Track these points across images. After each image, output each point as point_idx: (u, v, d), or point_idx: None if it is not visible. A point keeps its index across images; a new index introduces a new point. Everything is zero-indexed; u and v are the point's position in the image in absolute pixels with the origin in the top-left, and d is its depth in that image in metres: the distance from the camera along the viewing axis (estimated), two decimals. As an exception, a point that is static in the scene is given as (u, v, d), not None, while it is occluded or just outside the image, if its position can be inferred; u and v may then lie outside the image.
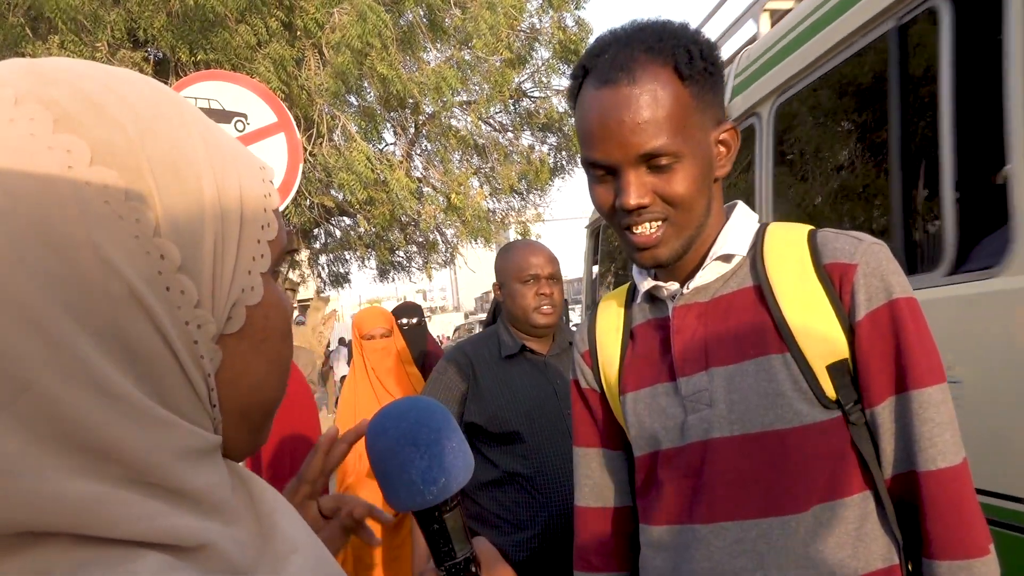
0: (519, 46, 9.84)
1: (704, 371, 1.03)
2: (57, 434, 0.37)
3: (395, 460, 0.69)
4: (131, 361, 0.40)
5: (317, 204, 9.39)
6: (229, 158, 0.47)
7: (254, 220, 0.47)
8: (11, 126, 0.38)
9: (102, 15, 7.00)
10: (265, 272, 0.48)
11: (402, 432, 0.70)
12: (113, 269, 0.39)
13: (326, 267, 12.87)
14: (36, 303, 0.36)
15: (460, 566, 0.71)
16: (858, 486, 0.98)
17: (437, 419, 0.71)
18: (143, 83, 0.45)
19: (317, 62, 7.90)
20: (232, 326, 0.45)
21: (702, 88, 0.98)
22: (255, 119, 3.36)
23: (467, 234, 9.98)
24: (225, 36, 7.11)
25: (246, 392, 0.48)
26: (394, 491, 0.69)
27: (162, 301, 0.41)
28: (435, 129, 9.96)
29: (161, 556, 0.38)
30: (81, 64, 0.44)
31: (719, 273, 1.06)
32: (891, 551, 0.99)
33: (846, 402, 0.98)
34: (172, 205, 0.41)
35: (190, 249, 0.42)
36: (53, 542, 0.37)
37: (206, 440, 0.44)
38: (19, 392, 0.36)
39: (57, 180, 0.38)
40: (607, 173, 1.01)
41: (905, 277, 1.00)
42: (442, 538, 0.70)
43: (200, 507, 0.42)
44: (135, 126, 0.41)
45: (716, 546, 1.00)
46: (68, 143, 0.39)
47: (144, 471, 0.39)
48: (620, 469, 1.21)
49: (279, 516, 0.50)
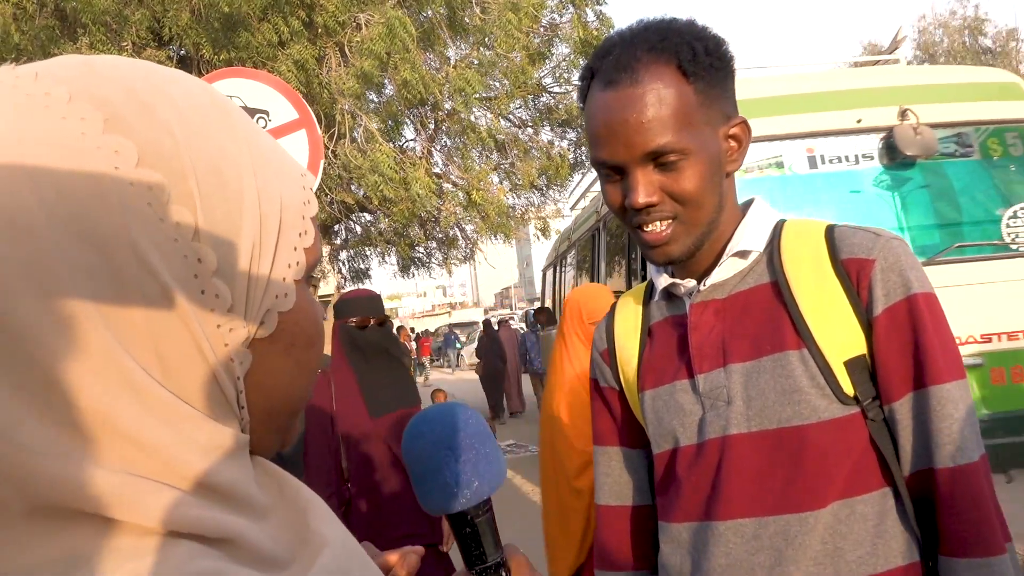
0: (539, 42, 9.82)
1: (722, 368, 1.03)
2: (86, 424, 0.38)
3: (431, 463, 0.70)
4: (161, 360, 0.40)
5: (337, 200, 9.44)
6: (272, 164, 0.47)
7: (292, 227, 0.47)
8: (63, 124, 0.39)
9: (127, 14, 7.09)
10: (300, 279, 0.48)
11: (438, 436, 0.71)
12: (150, 269, 0.39)
13: (346, 263, 12.95)
14: (72, 297, 0.37)
15: (490, 570, 0.71)
16: (877, 483, 0.98)
17: (472, 425, 0.72)
18: (192, 85, 0.46)
19: (338, 61, 7.93)
20: (264, 331, 0.46)
21: (707, 84, 0.98)
22: (277, 116, 3.39)
23: (487, 230, 10.00)
24: (247, 35, 7.17)
25: (274, 395, 0.48)
26: (428, 494, 0.70)
27: (196, 304, 0.41)
28: (455, 125, 9.97)
29: (192, 544, 0.39)
30: (134, 64, 0.45)
31: (736, 270, 1.06)
32: (911, 548, 0.98)
33: (864, 398, 0.98)
34: (213, 209, 0.42)
35: (227, 254, 0.43)
36: (84, 524, 0.38)
37: (233, 438, 0.44)
38: (51, 384, 0.37)
39: (103, 179, 0.39)
40: (616, 173, 1.01)
41: (924, 272, 0.99)
42: (474, 542, 0.71)
43: (227, 502, 0.42)
44: (182, 129, 0.42)
45: (734, 542, 1.00)
46: (116, 144, 0.40)
47: (171, 464, 0.40)
48: (640, 467, 1.21)
49: (311, 515, 0.50)
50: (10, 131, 0.39)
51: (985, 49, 24.19)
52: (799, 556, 0.96)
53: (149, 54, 7.56)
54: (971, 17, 24.33)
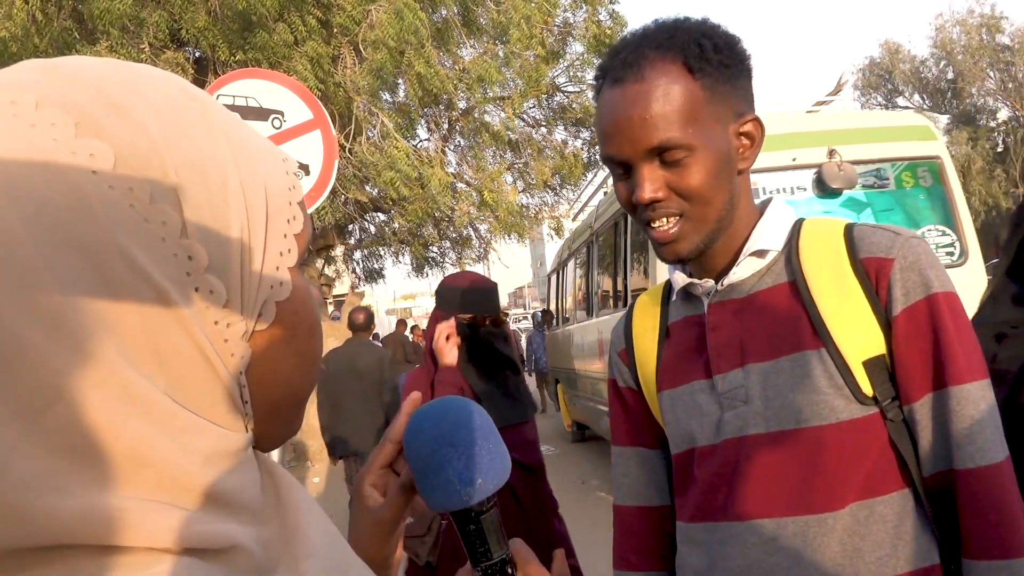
0: (552, 41, 9.82)
1: (740, 368, 1.03)
2: (86, 444, 0.37)
3: (432, 460, 0.68)
4: (161, 365, 0.40)
5: (352, 200, 9.47)
6: (252, 152, 0.46)
7: (279, 214, 0.46)
8: (33, 131, 0.38)
9: (144, 16, 7.14)
10: (293, 266, 0.47)
11: (440, 432, 0.69)
12: (141, 273, 0.38)
13: (361, 263, 13.01)
14: (66, 311, 0.36)
15: (496, 567, 0.70)
16: (896, 484, 0.97)
17: (474, 420, 0.70)
18: (164, 81, 0.45)
19: (353, 59, 7.96)
20: (262, 323, 0.45)
21: (716, 81, 0.98)
22: (291, 116, 3.40)
23: (500, 229, 10.01)
24: (264, 35, 7.21)
25: (277, 387, 0.47)
26: (431, 491, 0.69)
27: (191, 302, 0.40)
28: (469, 125, 9.99)
29: (185, 559, 0.38)
30: (101, 63, 0.43)
31: (754, 269, 1.06)
32: (931, 550, 0.97)
33: (883, 398, 0.97)
34: (197, 205, 0.41)
35: (217, 248, 0.42)
36: (80, 553, 0.37)
37: (237, 441, 0.43)
38: (51, 402, 0.36)
39: (82, 185, 0.38)
40: (624, 169, 1.02)
41: (945, 272, 0.99)
42: (478, 539, 0.70)
43: (230, 509, 0.42)
44: (158, 127, 0.41)
45: (752, 543, 1.00)
46: (91, 147, 0.38)
47: (175, 476, 0.39)
48: (658, 468, 1.21)
49: (303, 516, 0.49)
50: None
51: (1003, 46, 23.95)
52: (817, 557, 0.96)
53: (167, 56, 7.62)
54: (988, 15, 24.11)
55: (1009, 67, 24.48)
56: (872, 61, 28.18)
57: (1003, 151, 24.77)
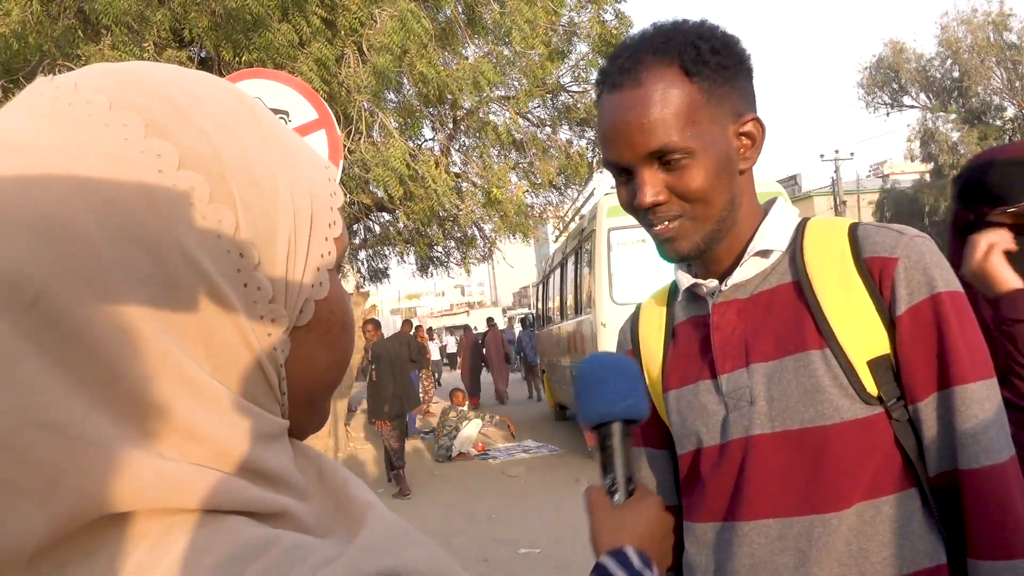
0: (557, 40, 9.81)
1: (744, 368, 1.03)
2: (145, 419, 0.40)
3: (598, 377, 0.87)
4: (211, 353, 0.42)
5: (357, 200, 9.48)
6: (300, 159, 0.49)
7: (322, 219, 0.49)
8: (106, 131, 0.41)
9: (148, 15, 7.15)
10: (331, 268, 0.50)
11: (611, 364, 0.90)
12: (198, 269, 0.41)
13: (365, 262, 13.01)
14: (130, 301, 0.39)
15: (625, 480, 0.86)
16: (902, 483, 0.97)
17: (636, 368, 0.91)
18: (221, 88, 0.48)
19: (357, 60, 7.97)
20: (302, 319, 0.48)
21: (714, 83, 0.98)
22: (296, 116, 3.41)
23: (505, 229, 10.00)
24: (268, 36, 7.21)
25: (311, 380, 0.50)
26: (591, 401, 0.86)
27: (241, 297, 0.43)
28: (473, 124, 9.99)
29: (243, 518, 0.41)
30: (164, 69, 0.47)
31: (758, 269, 1.06)
32: (938, 550, 0.97)
33: (888, 398, 0.97)
34: (250, 207, 0.44)
35: (266, 248, 0.45)
36: (138, 517, 0.39)
37: (277, 425, 0.47)
38: (111, 382, 0.39)
39: (149, 184, 0.40)
40: (625, 174, 1.02)
41: (950, 271, 0.98)
42: (614, 454, 0.86)
43: (276, 486, 0.44)
44: (217, 131, 0.44)
45: (758, 543, 1.00)
46: (158, 148, 0.41)
47: (225, 453, 0.42)
48: (666, 468, 1.21)
49: (351, 488, 0.52)
50: (55, 141, 0.40)
51: (1009, 44, 23.87)
52: (823, 557, 0.96)
53: (170, 55, 7.63)
54: (995, 12, 24.04)
55: (1016, 65, 24.41)
56: (879, 60, 28.11)
57: (1010, 150, 24.60)
